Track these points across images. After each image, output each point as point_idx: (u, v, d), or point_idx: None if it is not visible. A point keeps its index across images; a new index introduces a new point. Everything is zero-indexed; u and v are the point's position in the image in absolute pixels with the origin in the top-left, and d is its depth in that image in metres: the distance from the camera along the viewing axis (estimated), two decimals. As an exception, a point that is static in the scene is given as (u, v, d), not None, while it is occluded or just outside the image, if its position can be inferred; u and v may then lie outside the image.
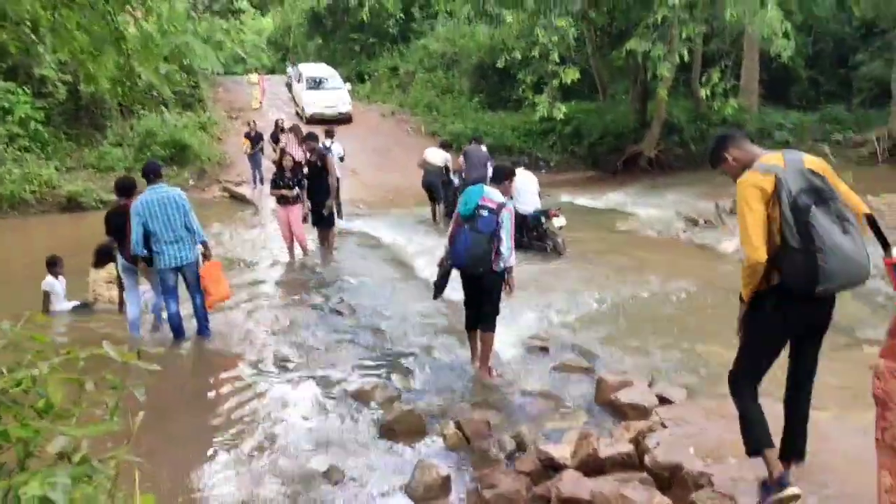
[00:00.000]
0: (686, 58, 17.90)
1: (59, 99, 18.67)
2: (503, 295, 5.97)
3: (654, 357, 6.47)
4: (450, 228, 5.94)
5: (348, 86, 27.78)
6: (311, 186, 10.54)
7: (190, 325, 7.20)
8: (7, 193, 16.09)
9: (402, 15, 34.33)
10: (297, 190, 10.32)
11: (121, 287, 7.56)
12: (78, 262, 8.85)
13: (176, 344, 6.99)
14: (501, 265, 5.75)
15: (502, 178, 5.96)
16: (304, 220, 10.59)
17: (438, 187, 13.94)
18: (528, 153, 24.18)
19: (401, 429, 4.93)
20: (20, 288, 9.23)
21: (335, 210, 10.90)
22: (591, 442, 4.32)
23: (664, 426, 4.59)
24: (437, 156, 14.30)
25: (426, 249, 10.77)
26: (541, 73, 20.42)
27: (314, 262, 10.54)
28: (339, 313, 7.92)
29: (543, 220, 10.95)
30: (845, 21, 27.28)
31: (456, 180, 13.76)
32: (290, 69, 31.76)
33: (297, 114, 26.14)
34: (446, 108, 27.11)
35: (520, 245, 9.40)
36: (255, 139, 17.62)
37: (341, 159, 14.82)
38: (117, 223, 6.98)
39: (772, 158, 3.35)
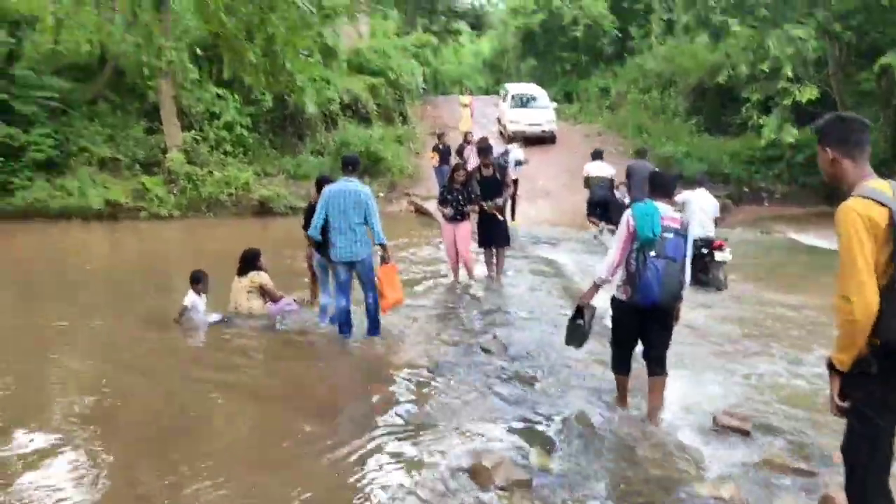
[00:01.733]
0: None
1: (266, 107, 19.16)
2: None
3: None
4: (613, 255, 4.88)
5: (554, 105, 26.72)
6: (486, 201, 9.39)
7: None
8: (206, 194, 16.57)
9: (618, 33, 32.68)
10: (464, 205, 9.21)
11: (312, 277, 7.97)
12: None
13: (339, 340, 7.02)
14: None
15: (672, 189, 5.13)
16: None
17: (610, 203, 12.65)
18: (747, 183, 21.55)
19: (517, 536, 3.51)
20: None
21: (509, 212, 9.56)
22: None
23: None
24: (603, 169, 13.22)
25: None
26: (770, 92, 17.93)
27: (477, 287, 9.31)
28: (487, 351, 6.61)
29: (705, 251, 9.61)
30: None
31: (619, 195, 12.53)
32: (500, 90, 31.27)
33: (500, 132, 25.43)
34: (658, 130, 25.02)
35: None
36: (443, 152, 16.89)
37: (518, 163, 13.77)
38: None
39: (881, 185, 2.82)
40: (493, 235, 9.47)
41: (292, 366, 6.64)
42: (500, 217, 9.40)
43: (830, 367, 2.88)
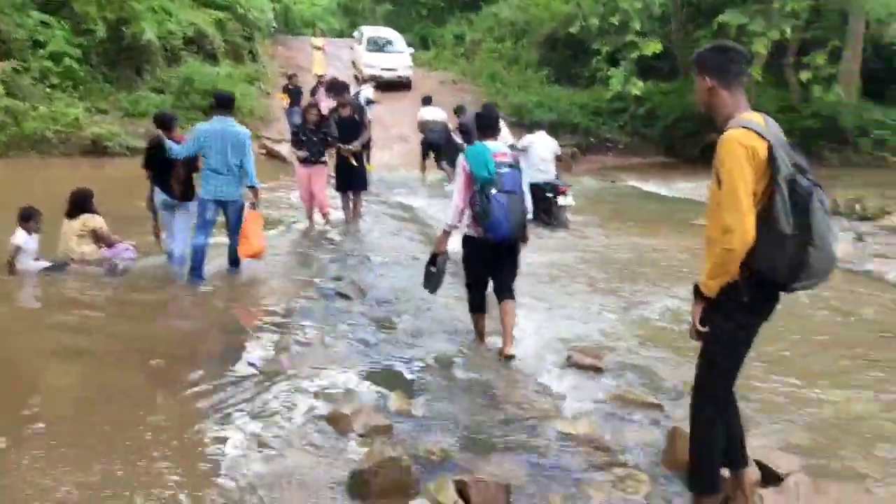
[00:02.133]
0: (787, 35, 15.71)
1: (99, 37, 17.50)
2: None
3: (745, 398, 4.76)
4: (456, 201, 5.03)
5: (411, 50, 26.35)
6: (344, 144, 9.06)
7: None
8: (29, 131, 14.96)
9: (474, -21, 32.59)
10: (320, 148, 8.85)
11: (154, 217, 7.33)
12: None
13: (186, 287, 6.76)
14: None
15: (496, 126, 5.27)
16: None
17: (441, 147, 13.06)
18: (595, 133, 22.33)
19: (379, 484, 3.36)
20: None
21: (363, 159, 9.28)
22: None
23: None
24: (436, 114, 13.70)
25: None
26: (618, 45, 18.51)
27: (334, 233, 9.03)
28: (345, 297, 6.40)
29: (550, 195, 10.05)
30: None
31: (458, 139, 12.45)
32: (355, 33, 30.38)
33: (356, 77, 24.78)
34: (511, 80, 25.31)
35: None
36: (293, 94, 16.21)
37: (369, 102, 13.56)
38: (158, 156, 6.82)
39: (756, 117, 2.83)
40: (351, 180, 9.19)
41: (135, 314, 6.13)
42: (356, 161, 9.11)
43: (697, 293, 2.92)
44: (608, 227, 10.94)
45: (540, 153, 10.19)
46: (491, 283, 5.32)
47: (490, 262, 5.16)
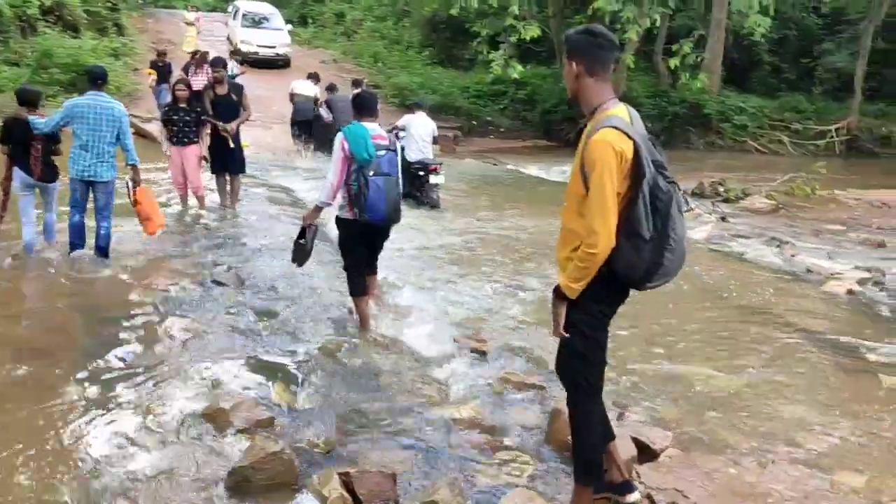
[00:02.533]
0: (657, 23, 16.36)
1: (-58, 4, 16.02)
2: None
3: (618, 375, 4.94)
4: (332, 179, 4.95)
5: (289, 27, 25.62)
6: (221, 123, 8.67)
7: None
8: None
9: (354, -44, 32.09)
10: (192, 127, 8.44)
11: (5, 199, 6.72)
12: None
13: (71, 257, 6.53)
14: None
15: (375, 108, 5.17)
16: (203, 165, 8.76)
17: (312, 122, 13.56)
18: (476, 116, 22.55)
19: (261, 480, 3.25)
20: None
21: (240, 139, 8.93)
22: (546, 537, 2.74)
23: (652, 502, 3.06)
24: (308, 87, 14.00)
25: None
26: (497, 29, 18.72)
27: (210, 217, 8.67)
28: (221, 284, 6.15)
29: (422, 173, 10.19)
30: (812, 8, 26.26)
31: (325, 114, 13.10)
32: (230, 7, 29.19)
33: (231, 53, 23.84)
34: (393, 60, 25.17)
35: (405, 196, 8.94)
36: (162, 70, 15.43)
37: (233, 76, 12.96)
38: (18, 134, 6.42)
39: (620, 112, 2.77)
40: (227, 161, 8.82)
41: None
42: (234, 142, 8.74)
43: (557, 294, 2.88)
44: (491, 210, 11.06)
45: (419, 133, 10.26)
46: None
47: (366, 244, 5.22)
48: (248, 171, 9.60)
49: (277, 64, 23.38)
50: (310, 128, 13.73)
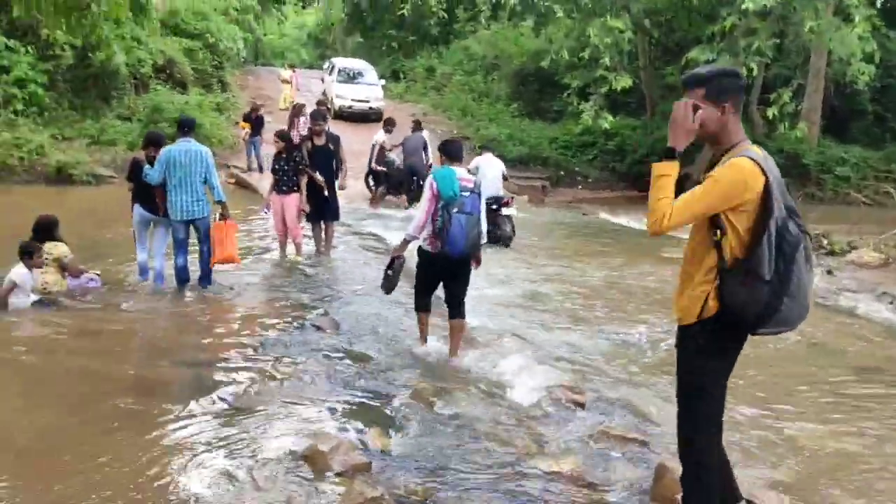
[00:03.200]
0: (754, 72, 16.02)
1: (66, 64, 17.24)
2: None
3: (727, 432, 4.69)
4: (420, 217, 5.50)
5: (382, 82, 26.34)
6: (319, 174, 8.94)
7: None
8: (-8, 158, 14.63)
9: (444, 14, 32.89)
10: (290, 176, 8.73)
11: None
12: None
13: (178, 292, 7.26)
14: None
15: (461, 155, 5.77)
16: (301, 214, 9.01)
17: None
18: (564, 166, 22.49)
19: (359, 526, 3.22)
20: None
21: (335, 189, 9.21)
22: None
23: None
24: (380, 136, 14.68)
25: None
26: (587, 80, 18.75)
27: (306, 263, 8.86)
28: (319, 329, 6.24)
29: (495, 206, 10.90)
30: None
31: (397, 159, 14.06)
32: (325, 64, 30.37)
33: (327, 107, 24.70)
34: (481, 113, 25.50)
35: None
36: (255, 123, 16.12)
37: None
38: (139, 171, 7.20)
39: (757, 150, 2.72)
40: (323, 209, 9.05)
41: (104, 345, 5.90)
42: (328, 190, 8.98)
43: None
44: (582, 259, 10.91)
45: (490, 172, 11.17)
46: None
47: (442, 277, 5.67)
48: (343, 219, 9.82)
49: (371, 118, 24.01)
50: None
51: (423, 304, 5.78)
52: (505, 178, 11.89)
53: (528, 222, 14.35)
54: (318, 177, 8.83)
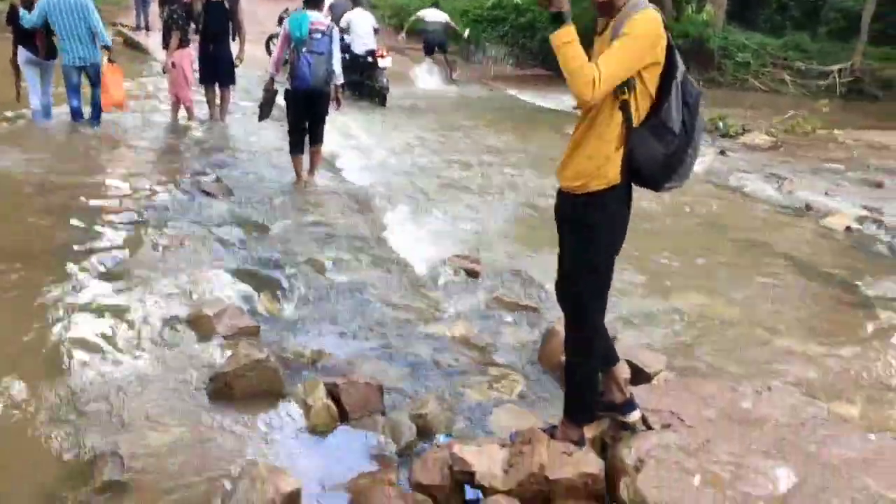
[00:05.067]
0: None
1: None
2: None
3: (613, 299, 4.84)
4: (275, 55, 6.48)
5: None
6: (210, 32, 8.32)
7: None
8: None
9: None
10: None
11: (17, 77, 7.89)
12: None
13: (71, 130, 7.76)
14: (333, 83, 6.40)
15: (320, 2, 6.40)
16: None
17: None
18: (474, 42, 21.93)
19: (243, 388, 3.15)
20: None
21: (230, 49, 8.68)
22: (536, 452, 2.66)
23: (646, 424, 2.99)
24: (438, 15, 16.16)
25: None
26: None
27: (199, 128, 8.40)
28: (210, 195, 5.97)
29: (370, 59, 11.58)
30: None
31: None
32: None
33: None
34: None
35: (355, 85, 11.64)
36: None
37: None
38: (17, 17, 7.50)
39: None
40: (216, 71, 8.48)
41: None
42: (221, 51, 8.41)
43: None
44: (487, 131, 10.81)
45: (361, 28, 11.55)
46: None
47: (303, 112, 6.39)
48: (241, 83, 9.30)
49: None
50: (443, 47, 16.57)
51: (294, 144, 6.53)
52: (376, 32, 12.21)
53: (434, 97, 14.10)
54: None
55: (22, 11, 7.42)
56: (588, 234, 2.66)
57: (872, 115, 17.60)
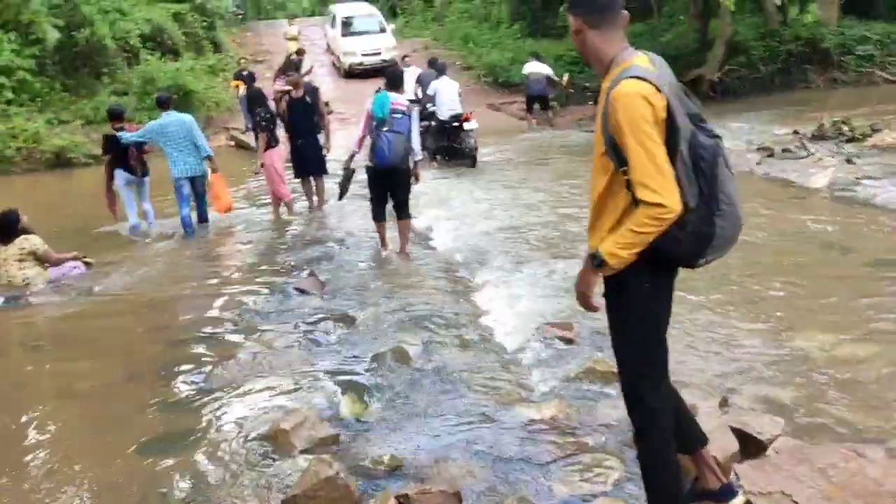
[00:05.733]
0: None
1: (52, 45, 16.92)
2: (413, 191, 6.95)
3: (720, 353, 4.41)
4: (357, 134, 6.79)
5: (392, 26, 24.75)
6: (296, 128, 8.63)
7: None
8: (-11, 151, 14.54)
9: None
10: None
11: (113, 202, 8.75)
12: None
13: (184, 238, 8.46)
14: (412, 160, 6.67)
15: (401, 84, 6.87)
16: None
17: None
18: (574, 83, 21.71)
19: (315, 509, 3.03)
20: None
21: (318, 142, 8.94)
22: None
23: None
24: (540, 67, 16.45)
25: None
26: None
27: (298, 221, 8.66)
28: (303, 292, 6.03)
29: (456, 123, 11.94)
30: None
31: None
32: (327, 13, 29.10)
33: (334, 64, 23.40)
34: (483, 39, 24.64)
35: (444, 150, 12.24)
36: (247, 80, 15.72)
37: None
38: (114, 144, 8.47)
39: (641, 60, 2.29)
40: (307, 163, 8.76)
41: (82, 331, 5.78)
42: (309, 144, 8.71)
43: (592, 262, 2.37)
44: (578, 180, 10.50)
45: (447, 95, 12.05)
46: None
47: (382, 186, 6.68)
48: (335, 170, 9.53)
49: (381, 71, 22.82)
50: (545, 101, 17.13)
51: (376, 214, 6.86)
52: (459, 96, 12.59)
53: (532, 147, 13.99)
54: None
55: (120, 135, 8.32)
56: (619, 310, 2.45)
57: None
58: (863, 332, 4.55)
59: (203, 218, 8.67)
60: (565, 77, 19.09)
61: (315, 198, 9.00)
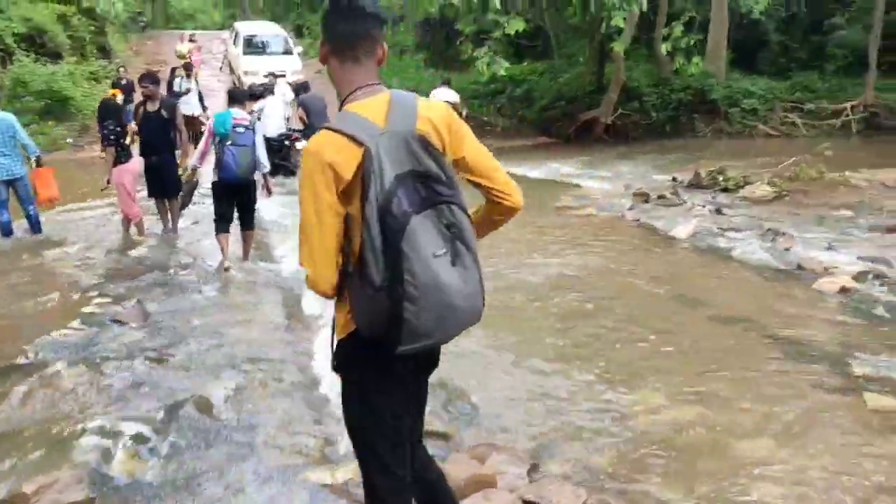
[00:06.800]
0: (646, 7, 15.45)
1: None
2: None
3: (544, 410, 4.18)
4: (199, 148, 6.88)
5: (299, 48, 24.02)
6: (149, 145, 8.05)
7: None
8: None
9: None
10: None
11: None
12: None
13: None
14: (259, 173, 6.91)
15: (243, 100, 7.09)
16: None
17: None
18: (474, 117, 21.79)
19: None
20: None
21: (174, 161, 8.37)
22: None
23: None
24: (448, 95, 15.28)
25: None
26: (484, 26, 18.00)
27: (147, 243, 8.06)
28: (120, 323, 5.48)
29: (286, 142, 12.52)
30: (821, -18, 25.05)
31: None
32: (229, 30, 28.22)
33: (234, 83, 22.65)
34: (387, 66, 24.48)
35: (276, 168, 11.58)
36: (126, 89, 14.93)
37: (200, 99, 14.50)
38: None
39: (370, 106, 1.93)
40: (161, 183, 8.18)
41: None
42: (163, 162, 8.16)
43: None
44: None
45: (274, 113, 12.64)
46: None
47: (228, 199, 6.77)
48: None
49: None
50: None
51: (219, 229, 6.86)
52: (287, 119, 13.37)
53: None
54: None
55: None
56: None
57: (890, 151, 16.76)
58: (693, 392, 4.41)
59: (35, 228, 8.29)
60: (465, 111, 19.00)
61: (169, 218, 8.39)
